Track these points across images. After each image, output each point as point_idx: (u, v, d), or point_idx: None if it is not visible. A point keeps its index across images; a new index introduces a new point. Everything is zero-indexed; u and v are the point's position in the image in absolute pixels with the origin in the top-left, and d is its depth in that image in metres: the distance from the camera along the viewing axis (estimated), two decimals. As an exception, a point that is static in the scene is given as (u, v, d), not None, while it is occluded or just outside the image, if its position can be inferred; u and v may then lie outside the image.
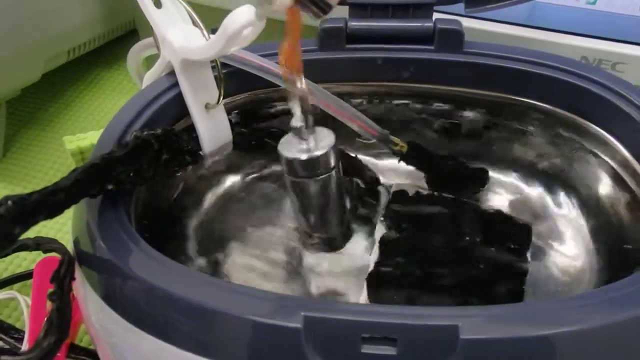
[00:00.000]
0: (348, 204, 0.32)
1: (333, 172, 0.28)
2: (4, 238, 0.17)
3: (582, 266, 0.30)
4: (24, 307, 0.33)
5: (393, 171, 0.35)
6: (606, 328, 0.19)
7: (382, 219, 0.32)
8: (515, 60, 0.31)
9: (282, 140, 0.27)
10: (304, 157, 0.26)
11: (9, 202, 0.17)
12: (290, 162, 0.27)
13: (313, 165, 0.27)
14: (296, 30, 0.23)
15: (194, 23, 0.29)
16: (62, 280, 0.21)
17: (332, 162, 0.27)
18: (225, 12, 0.23)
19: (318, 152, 0.26)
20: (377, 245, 0.31)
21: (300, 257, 0.32)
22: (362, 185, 0.34)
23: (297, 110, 0.26)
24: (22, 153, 0.51)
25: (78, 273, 0.24)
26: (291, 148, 0.27)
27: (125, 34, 0.60)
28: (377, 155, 0.36)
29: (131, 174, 0.24)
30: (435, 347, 0.19)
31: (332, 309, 0.20)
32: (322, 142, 0.27)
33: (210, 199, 0.34)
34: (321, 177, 0.27)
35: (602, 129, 0.30)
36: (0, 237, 0.17)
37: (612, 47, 0.37)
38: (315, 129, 0.27)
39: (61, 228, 0.44)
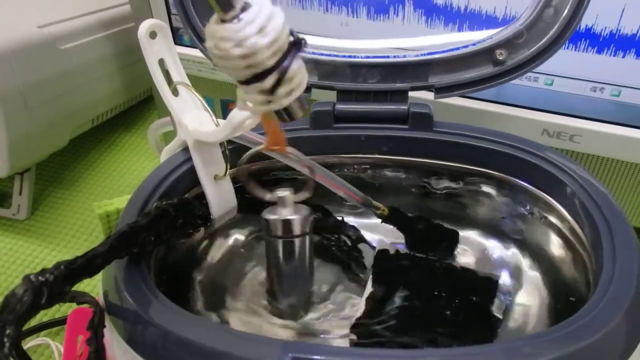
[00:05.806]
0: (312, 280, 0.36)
1: (306, 238, 0.33)
2: (57, 295, 0.22)
3: (538, 315, 0.34)
4: (55, 351, 0.37)
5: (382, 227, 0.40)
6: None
7: (371, 276, 0.36)
8: (475, 138, 0.36)
9: (266, 210, 0.33)
10: (283, 218, 0.32)
11: (62, 267, 0.22)
12: (271, 223, 0.33)
13: (289, 228, 0.33)
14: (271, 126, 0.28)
15: (205, 109, 0.34)
16: (96, 327, 0.26)
17: (307, 228, 0.33)
18: (228, 85, 0.27)
19: (294, 217, 0.33)
20: (364, 300, 0.35)
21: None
22: (349, 243, 0.38)
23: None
24: (48, 211, 0.55)
25: (107, 321, 0.28)
26: (273, 213, 0.33)
27: (143, 100, 0.66)
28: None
29: (152, 238, 0.29)
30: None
31: (314, 351, 0.24)
32: (299, 212, 0.33)
33: (215, 255, 0.39)
34: (295, 239, 0.33)
35: (547, 195, 0.34)
36: (55, 295, 0.22)
37: (569, 121, 0.42)
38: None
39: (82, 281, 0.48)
